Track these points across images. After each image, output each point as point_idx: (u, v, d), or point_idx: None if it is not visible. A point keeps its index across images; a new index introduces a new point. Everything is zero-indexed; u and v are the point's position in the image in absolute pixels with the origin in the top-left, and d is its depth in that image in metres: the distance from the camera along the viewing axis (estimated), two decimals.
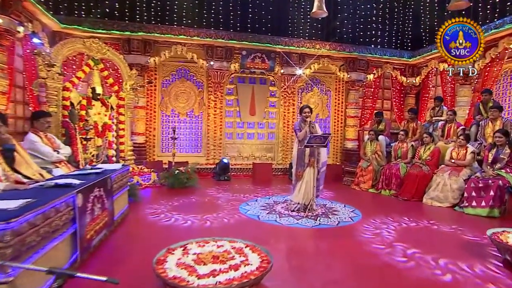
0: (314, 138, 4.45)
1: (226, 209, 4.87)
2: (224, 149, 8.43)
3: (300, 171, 4.64)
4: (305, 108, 4.60)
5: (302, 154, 4.60)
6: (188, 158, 8.06)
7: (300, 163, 4.63)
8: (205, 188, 6.47)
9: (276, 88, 8.66)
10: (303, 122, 4.58)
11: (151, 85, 7.80)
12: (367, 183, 6.59)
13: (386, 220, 4.45)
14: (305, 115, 4.55)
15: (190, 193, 5.98)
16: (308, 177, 4.60)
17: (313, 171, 4.57)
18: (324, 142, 4.54)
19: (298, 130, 4.61)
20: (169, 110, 8.15)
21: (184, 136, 8.25)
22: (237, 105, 8.45)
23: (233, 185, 6.97)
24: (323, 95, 9.04)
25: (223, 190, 6.37)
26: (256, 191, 6.33)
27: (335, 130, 9.17)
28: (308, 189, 4.59)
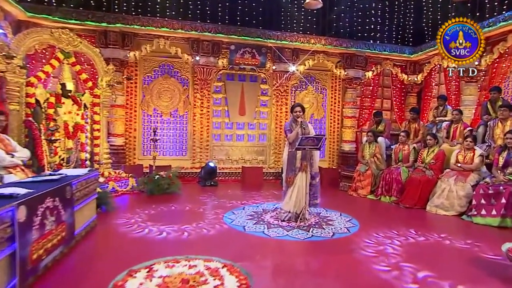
0: (306, 140, 4.18)
1: (208, 219, 4.57)
2: (211, 151, 8.22)
3: (291, 176, 4.38)
4: (296, 106, 4.38)
5: (293, 157, 4.36)
6: (171, 161, 7.84)
7: (291, 168, 4.39)
8: (188, 194, 6.21)
9: (268, 86, 8.50)
10: (294, 122, 4.37)
11: (131, 81, 7.53)
12: (366, 188, 6.38)
13: (389, 233, 4.14)
14: (296, 114, 4.33)
15: (170, 200, 5.68)
16: (300, 182, 4.34)
17: (305, 176, 4.33)
18: (317, 144, 4.27)
19: (288, 131, 4.41)
20: (151, 109, 7.90)
21: (167, 137, 8.02)
22: (226, 104, 8.26)
23: (220, 191, 6.73)
24: (318, 93, 8.88)
25: (208, 197, 6.11)
26: (244, 197, 6.09)
27: (331, 131, 9.00)
28: (300, 196, 4.34)
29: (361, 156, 6.73)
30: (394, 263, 3.16)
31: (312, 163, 4.40)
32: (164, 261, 2.55)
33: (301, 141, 4.16)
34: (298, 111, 4.36)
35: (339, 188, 7.21)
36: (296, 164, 4.38)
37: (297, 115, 4.36)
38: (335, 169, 8.14)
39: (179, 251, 3.21)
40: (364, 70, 8.54)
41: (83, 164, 5.90)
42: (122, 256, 3.17)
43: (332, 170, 8.05)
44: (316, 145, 4.29)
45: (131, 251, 3.28)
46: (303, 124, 4.37)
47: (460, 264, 3.22)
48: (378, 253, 3.44)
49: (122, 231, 3.89)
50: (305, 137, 4.17)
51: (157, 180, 6.08)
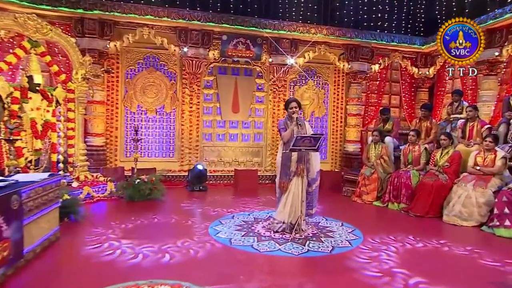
0: (302, 140, 3.86)
1: (193, 231, 4.15)
2: (201, 153, 7.94)
3: (285, 182, 4.11)
4: (292, 102, 4.13)
5: (288, 160, 4.09)
6: (157, 163, 7.53)
7: (285, 171, 4.11)
8: (172, 201, 5.90)
9: (264, 81, 8.23)
10: (289, 120, 4.15)
11: (110, 75, 7.20)
12: (371, 194, 6.14)
13: (398, 248, 3.78)
14: (292, 110, 4.09)
15: (152, 208, 5.34)
16: (295, 189, 4.08)
17: (301, 181, 4.07)
18: (315, 144, 3.94)
19: (282, 130, 4.16)
20: (134, 106, 7.60)
21: (153, 137, 7.73)
22: (217, 100, 8.01)
23: (209, 196, 6.49)
24: (320, 89, 8.62)
25: (193, 204, 5.81)
26: (235, 204, 5.82)
27: (334, 130, 8.75)
28: (296, 204, 4.08)
29: (366, 157, 6.49)
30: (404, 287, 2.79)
31: (309, 167, 4.14)
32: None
33: (296, 141, 3.85)
34: (294, 106, 4.11)
35: (341, 193, 6.94)
36: (291, 168, 4.12)
37: (293, 111, 4.12)
38: (337, 172, 7.89)
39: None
40: (370, 63, 8.28)
41: (54, 167, 5.53)
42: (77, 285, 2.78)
43: (335, 173, 7.80)
44: (314, 146, 3.96)
45: (92, 281, 2.85)
46: (300, 121, 4.11)
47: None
48: (384, 273, 3.08)
49: (87, 253, 3.41)
50: (301, 137, 3.87)
51: (138, 185, 5.77)
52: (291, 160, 4.11)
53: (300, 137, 3.87)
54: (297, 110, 4.14)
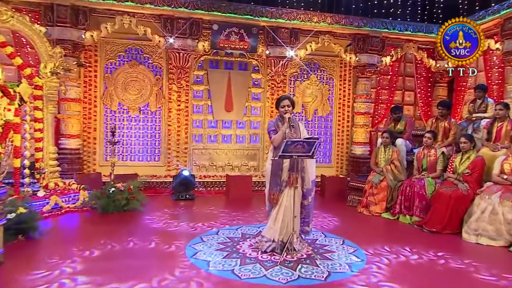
0: (294, 145, 3.55)
1: (176, 262, 3.59)
2: (191, 156, 7.73)
3: (275, 193, 3.84)
4: (283, 99, 3.94)
5: (279, 167, 3.84)
6: (141, 168, 7.35)
7: (275, 181, 3.85)
8: (153, 213, 5.53)
9: (261, 76, 8.05)
10: (280, 121, 3.92)
11: (87, 69, 6.97)
12: (380, 205, 5.84)
13: (405, 271, 3.40)
14: (284, 109, 3.89)
15: (128, 223, 4.99)
16: (287, 202, 3.79)
17: (294, 193, 3.78)
18: (309, 150, 3.62)
19: (272, 132, 3.91)
20: (115, 104, 7.39)
21: (136, 139, 7.52)
22: (209, 97, 7.81)
23: (196, 206, 6.21)
24: (324, 84, 8.39)
25: (177, 216, 5.50)
26: (223, 216, 5.49)
27: (340, 130, 8.51)
28: (287, 220, 3.79)
29: (375, 162, 6.20)
30: None
31: (304, 177, 3.87)
32: None
33: (286, 146, 3.53)
34: (286, 105, 3.91)
35: (346, 202, 6.59)
36: (283, 177, 3.84)
37: (285, 110, 3.89)
38: (343, 178, 7.53)
39: None
40: (381, 55, 8.01)
41: (15, 174, 5.18)
42: None
43: (339, 180, 7.45)
44: (308, 152, 3.65)
45: None
46: (293, 121, 3.85)
47: None
48: None
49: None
50: (291, 142, 3.55)
51: (113, 195, 5.46)
52: (283, 168, 3.83)
53: (290, 141, 3.55)
54: (290, 110, 3.91)
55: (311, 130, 8.18)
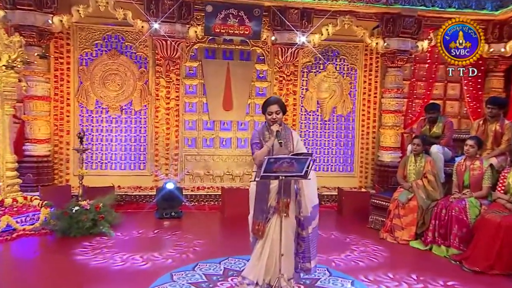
0: (279, 163, 3.19)
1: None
2: (182, 163, 7.63)
3: (260, 222, 3.52)
4: (271, 104, 3.56)
5: (265, 189, 3.51)
6: (123, 178, 7.32)
7: (260, 207, 3.53)
8: (126, 237, 5.29)
9: (267, 67, 7.86)
10: (268, 130, 3.58)
11: (48, 59, 6.71)
12: (407, 230, 5.46)
13: None
14: (272, 117, 3.53)
15: (90, 253, 4.63)
16: (276, 234, 3.45)
17: (285, 223, 3.45)
18: (301, 169, 3.26)
19: (256, 146, 3.60)
20: (92, 102, 7.30)
21: (117, 144, 7.46)
22: (204, 94, 7.67)
23: (180, 228, 5.95)
24: (344, 77, 8.10)
25: (152, 242, 5.19)
26: (210, 242, 5.24)
27: (364, 133, 8.24)
28: (276, 256, 3.45)
29: (402, 176, 5.86)
30: None
31: (301, 201, 3.54)
32: None
33: (268, 164, 3.18)
34: (275, 111, 3.54)
35: (368, 224, 6.20)
36: (270, 202, 3.53)
37: (273, 118, 3.53)
38: (364, 193, 7.16)
39: None
40: (416, 39, 7.54)
41: None
42: None
43: (361, 195, 7.08)
44: (299, 171, 3.30)
45: None
46: (280, 137, 3.42)
47: None
48: None
49: None
50: (275, 159, 3.20)
51: (76, 214, 5.23)
52: (270, 190, 3.50)
53: (273, 159, 3.17)
54: (279, 118, 3.53)
55: (329, 132, 7.98)
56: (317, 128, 7.87)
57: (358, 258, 4.72)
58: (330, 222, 6.43)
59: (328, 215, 6.67)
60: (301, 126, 7.77)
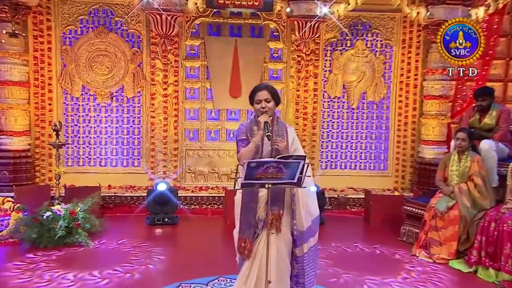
0: (263, 167, 2.99)
1: None
2: (183, 159, 7.60)
3: (247, 239, 3.43)
4: (260, 90, 3.50)
5: (252, 198, 3.44)
6: (114, 176, 7.33)
7: (247, 220, 3.46)
8: (106, 250, 5.25)
9: (282, 45, 7.68)
10: (256, 125, 3.51)
11: (36, 40, 6.82)
12: (447, 246, 5.24)
13: None
14: (261, 106, 3.46)
15: (60, 271, 4.52)
16: (264, 254, 3.30)
17: (276, 241, 3.34)
18: (292, 175, 3.07)
19: (242, 144, 3.56)
20: (77, 88, 7.28)
21: (108, 136, 7.47)
22: (207, 78, 7.60)
23: (171, 237, 6.02)
24: (377, 55, 7.85)
25: (135, 256, 5.04)
26: (201, 258, 5.12)
27: (401, 123, 7.98)
28: (264, 281, 3.30)
29: (442, 177, 5.66)
30: None
31: (295, 211, 3.41)
32: None
33: (249, 169, 2.99)
34: (264, 99, 3.46)
35: (399, 235, 5.99)
36: (258, 214, 3.43)
37: (262, 107, 3.45)
38: (397, 197, 6.91)
39: None
40: (468, 6, 7.26)
41: None
42: None
43: (392, 199, 6.84)
44: (290, 178, 3.10)
45: None
46: (269, 128, 3.30)
47: None
48: None
49: None
50: (257, 162, 3.03)
51: (48, 222, 5.17)
52: (259, 200, 3.40)
53: (254, 163, 2.99)
54: (270, 107, 3.43)
55: (357, 123, 7.74)
56: (343, 118, 7.64)
57: (382, 279, 4.51)
58: (354, 231, 6.36)
59: (353, 223, 6.57)
60: (323, 115, 7.56)
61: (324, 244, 5.24)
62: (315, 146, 7.75)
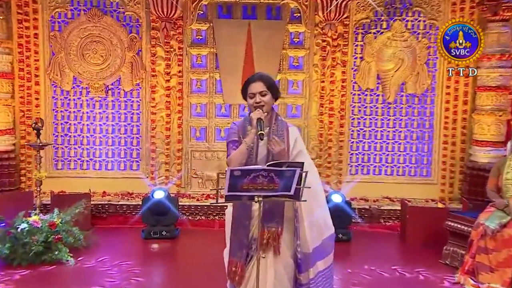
0: (251, 176, 2.94)
1: None
2: (188, 162, 7.61)
3: (238, 263, 3.37)
4: (254, 81, 3.44)
5: (244, 213, 3.39)
6: (110, 182, 7.38)
7: (238, 239, 3.42)
8: (88, 270, 5.19)
9: (304, 28, 7.55)
10: (249, 123, 3.46)
11: (20, 25, 6.92)
12: (499, 273, 4.97)
13: None
14: (254, 101, 3.41)
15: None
16: (257, 280, 3.20)
17: (273, 265, 3.31)
18: (287, 186, 2.96)
19: (233, 146, 3.51)
20: (67, 80, 7.31)
21: (102, 135, 7.51)
22: (216, 67, 7.58)
23: (169, 254, 6.06)
24: (419, 39, 7.63)
25: (132, 278, 5.01)
26: (200, 280, 5.11)
27: (448, 120, 7.74)
28: None
29: (495, 187, 5.47)
30: None
31: (299, 228, 3.32)
32: None
33: (233, 178, 2.95)
34: (259, 91, 3.39)
35: (441, 256, 5.74)
36: (252, 233, 3.36)
37: (256, 102, 3.39)
38: (440, 209, 6.71)
39: None
40: None
41: None
42: None
43: (434, 212, 6.61)
44: (285, 190, 2.99)
45: None
46: (262, 125, 3.20)
47: None
48: None
49: None
50: (243, 171, 2.97)
51: (23, 235, 5.16)
52: (251, 215, 3.33)
53: (239, 171, 2.93)
54: (266, 101, 3.35)
55: (394, 119, 7.51)
56: (377, 114, 7.41)
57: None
58: (389, 250, 6.20)
59: (387, 240, 6.43)
60: (352, 111, 7.36)
61: (355, 267, 5.21)
62: (343, 148, 7.57)
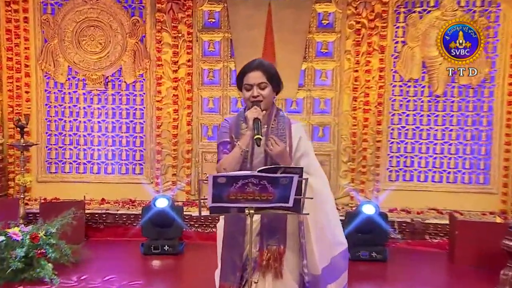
0: (239, 184, 2.88)
1: None
2: (198, 165, 7.56)
3: (230, 286, 3.43)
4: (251, 70, 3.35)
5: (238, 227, 3.40)
6: (110, 187, 7.39)
7: (229, 259, 3.44)
8: (81, 285, 5.20)
9: (334, 7, 7.38)
10: (244, 120, 3.48)
11: (7, 9, 7.00)
12: None
13: None
14: (251, 94, 3.35)
15: None
16: None
17: None
18: (285, 196, 2.87)
19: (224, 149, 3.50)
20: (62, 71, 7.31)
21: (101, 134, 7.51)
22: (231, 56, 7.50)
23: (170, 274, 5.97)
24: (474, 18, 7.38)
25: None
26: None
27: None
28: None
29: None
30: None
31: (305, 246, 3.34)
32: None
33: (217, 188, 2.92)
34: (257, 83, 3.32)
35: (498, 282, 5.35)
36: (246, 251, 3.37)
37: (254, 96, 3.34)
38: (498, 225, 6.39)
39: None
40: None
41: None
42: None
43: (489, 228, 6.26)
44: (283, 200, 2.89)
45: None
46: (259, 127, 3.20)
47: None
48: None
49: None
50: (228, 178, 2.89)
51: (0, 249, 5.11)
52: (246, 229, 3.27)
53: (224, 178, 2.86)
54: (265, 95, 3.30)
55: (444, 116, 7.14)
56: (422, 109, 7.11)
57: None
58: (435, 274, 5.89)
59: (433, 260, 6.11)
60: (392, 106, 7.09)
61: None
62: (381, 149, 7.28)
